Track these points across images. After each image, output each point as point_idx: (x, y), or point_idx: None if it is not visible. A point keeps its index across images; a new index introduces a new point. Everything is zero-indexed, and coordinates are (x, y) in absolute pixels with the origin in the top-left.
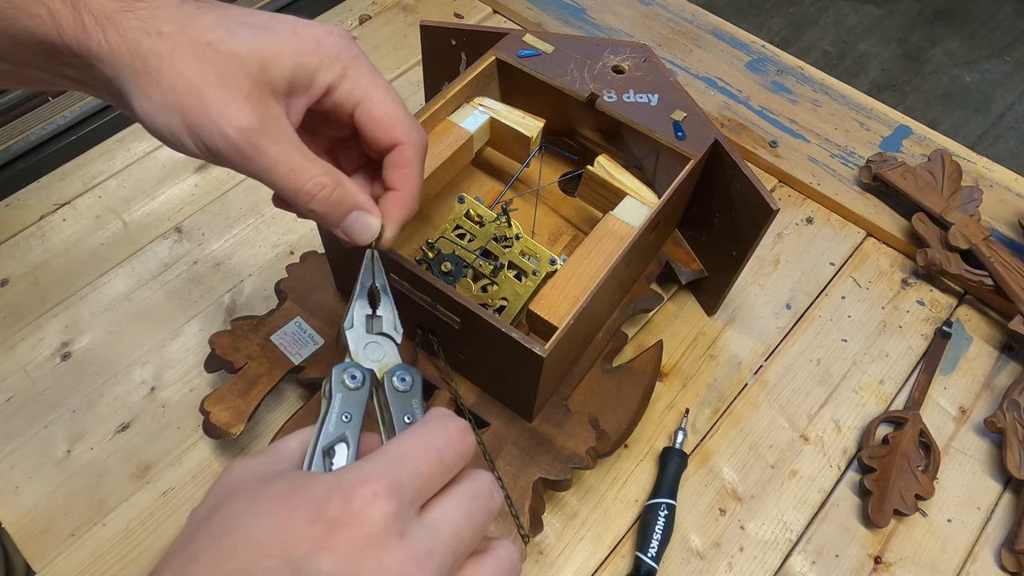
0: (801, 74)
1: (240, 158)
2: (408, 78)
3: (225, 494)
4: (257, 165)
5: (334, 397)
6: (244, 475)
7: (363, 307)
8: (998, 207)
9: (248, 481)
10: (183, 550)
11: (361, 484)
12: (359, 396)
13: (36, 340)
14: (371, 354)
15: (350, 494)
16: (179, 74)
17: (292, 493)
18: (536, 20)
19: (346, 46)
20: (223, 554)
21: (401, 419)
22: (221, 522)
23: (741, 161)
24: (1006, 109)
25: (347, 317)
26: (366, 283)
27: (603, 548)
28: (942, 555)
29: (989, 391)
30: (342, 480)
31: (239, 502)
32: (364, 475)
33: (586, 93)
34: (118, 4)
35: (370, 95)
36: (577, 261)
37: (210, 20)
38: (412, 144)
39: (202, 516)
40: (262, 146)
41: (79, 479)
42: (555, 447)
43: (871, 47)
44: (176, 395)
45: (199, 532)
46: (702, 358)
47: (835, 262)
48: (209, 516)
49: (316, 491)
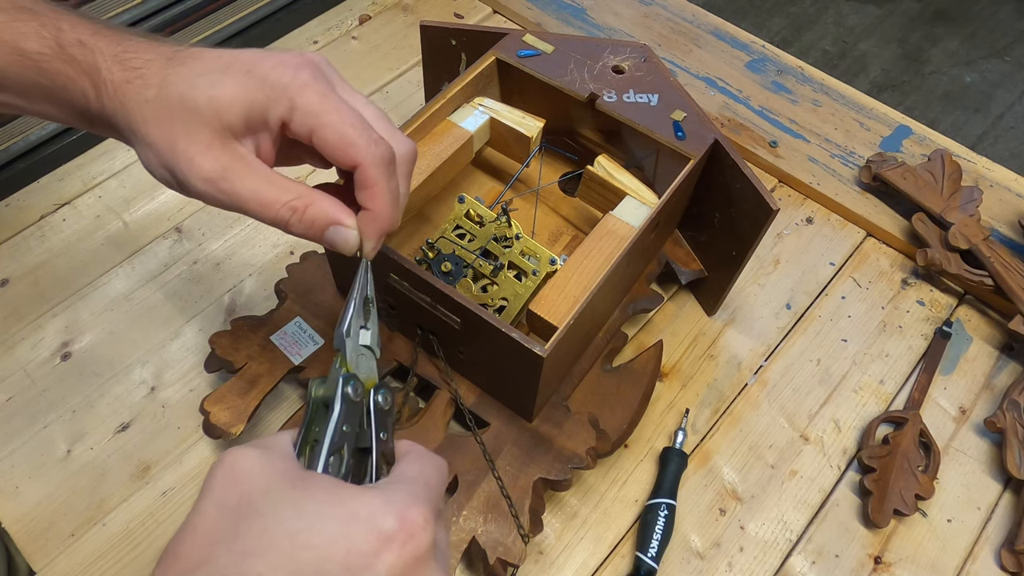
0: (801, 74)
1: (218, 200)
2: (408, 78)
3: (247, 487)
4: (233, 203)
5: (338, 406)
6: (261, 469)
7: (359, 317)
8: (998, 207)
9: (275, 479)
10: (233, 541)
11: (414, 507)
12: (358, 409)
13: (36, 340)
14: (361, 366)
15: (405, 515)
16: (158, 136)
17: (342, 503)
18: (536, 20)
19: (292, 76)
20: (284, 555)
21: (378, 435)
22: (274, 522)
23: (741, 161)
24: (1006, 109)
25: (345, 324)
26: (362, 293)
27: (603, 548)
28: (942, 555)
29: (989, 391)
30: (393, 499)
31: (284, 504)
32: (414, 498)
33: (586, 93)
34: (124, 75)
35: (321, 121)
36: (577, 261)
37: (181, 75)
38: (372, 163)
39: (233, 506)
40: (229, 188)
41: (79, 479)
42: (555, 447)
43: (871, 47)
44: (176, 395)
45: (248, 526)
46: (702, 358)
47: (835, 262)
48: (247, 510)
49: (369, 505)
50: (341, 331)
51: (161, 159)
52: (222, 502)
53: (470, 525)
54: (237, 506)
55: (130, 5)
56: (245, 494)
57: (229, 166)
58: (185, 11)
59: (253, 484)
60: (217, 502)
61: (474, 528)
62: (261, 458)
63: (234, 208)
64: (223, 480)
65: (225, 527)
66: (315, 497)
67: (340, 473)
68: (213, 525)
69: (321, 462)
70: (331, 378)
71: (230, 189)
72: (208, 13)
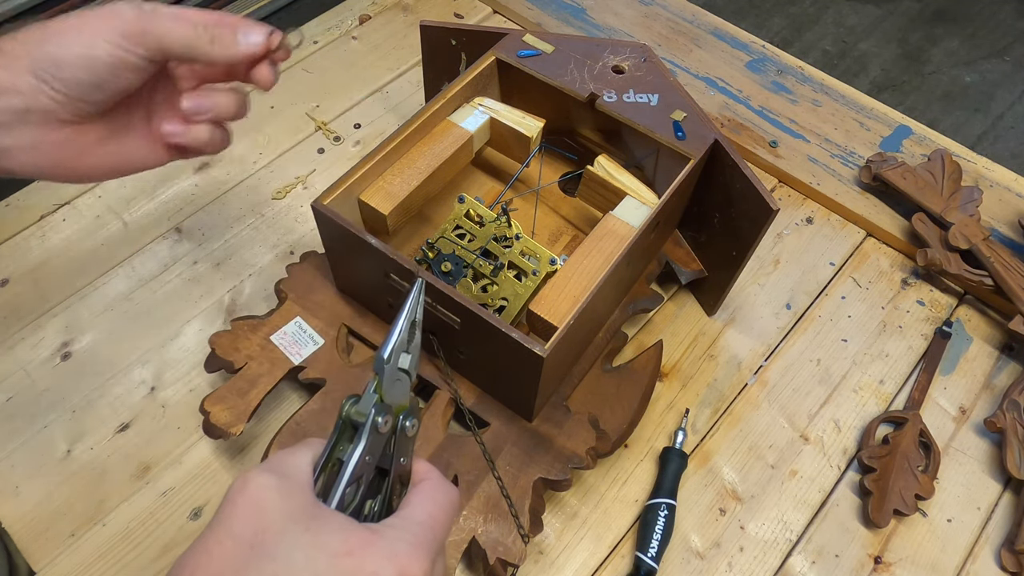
0: (801, 74)
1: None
2: (408, 78)
3: (264, 523)
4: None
5: (365, 437)
6: (280, 504)
7: (403, 342)
8: (998, 207)
9: (291, 518)
10: None
11: (413, 557)
12: (383, 440)
13: (36, 340)
14: (394, 392)
15: (406, 568)
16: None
17: (351, 554)
18: (536, 20)
19: None
20: None
21: (398, 459)
22: (284, 566)
23: (741, 161)
24: (1006, 109)
25: (388, 349)
26: (411, 317)
27: (603, 548)
28: (942, 555)
29: (989, 391)
30: (398, 553)
31: (297, 552)
32: (415, 548)
33: (586, 93)
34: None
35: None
36: (577, 261)
37: (44, 37)
38: None
39: (248, 542)
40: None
41: (79, 479)
42: (555, 447)
43: (871, 47)
44: (176, 395)
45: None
46: (702, 358)
47: (835, 262)
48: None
49: (376, 555)
50: (383, 356)
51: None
52: (239, 534)
53: (470, 525)
54: (251, 545)
55: None
56: (260, 531)
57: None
58: None
59: (270, 521)
60: (234, 533)
61: (474, 528)
62: (281, 490)
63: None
64: (242, 511)
65: (238, 564)
66: (327, 546)
67: (355, 499)
68: (228, 558)
69: (339, 492)
70: (364, 401)
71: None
72: None
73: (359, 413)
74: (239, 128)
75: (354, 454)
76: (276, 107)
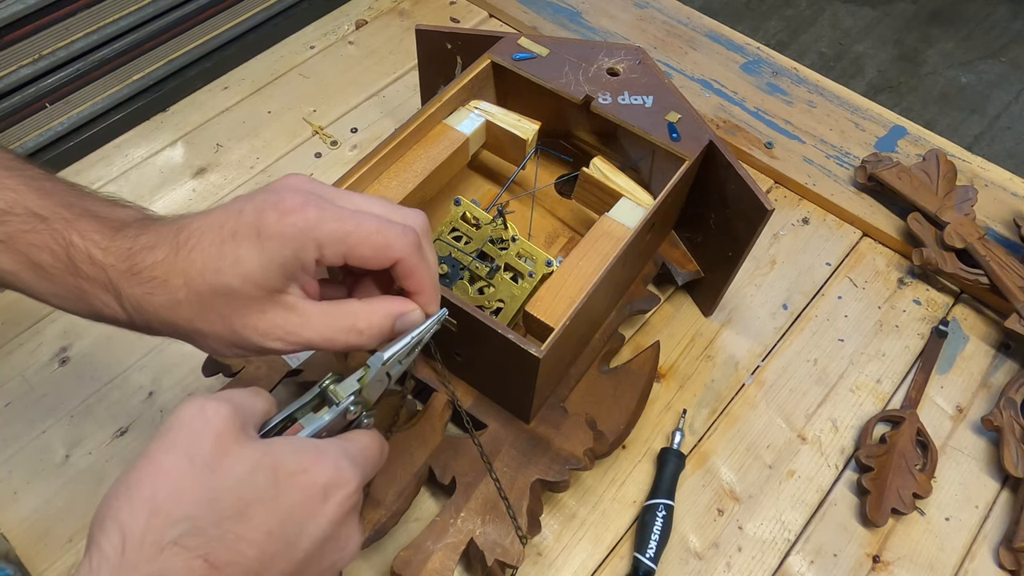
0: (796, 75)
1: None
2: (404, 82)
3: (221, 443)
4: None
5: (332, 416)
6: (237, 430)
7: (406, 355)
8: (993, 206)
9: (248, 439)
10: (214, 510)
11: (352, 472)
12: (342, 423)
13: (34, 345)
14: (372, 389)
15: (348, 480)
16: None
17: (306, 470)
18: (531, 24)
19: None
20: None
21: None
22: (248, 487)
23: (736, 162)
24: (1002, 110)
25: (388, 353)
26: (421, 335)
27: (601, 549)
28: (940, 553)
29: (986, 390)
30: (341, 466)
31: (258, 471)
32: (354, 464)
33: (581, 95)
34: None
35: (350, 243)
36: (573, 262)
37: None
38: (409, 252)
39: (205, 463)
40: (297, 340)
41: (77, 484)
42: (552, 448)
43: (867, 49)
44: (174, 400)
45: (220, 486)
46: (699, 359)
47: (831, 262)
48: (220, 471)
49: (326, 467)
50: (383, 356)
51: (225, 342)
52: (197, 455)
53: (468, 527)
54: (211, 467)
55: (131, 9)
56: (219, 453)
57: (288, 319)
58: (183, 16)
59: (228, 445)
60: (192, 454)
61: (472, 530)
62: (236, 419)
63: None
64: (202, 433)
65: (199, 485)
66: (284, 466)
67: None
68: (187, 478)
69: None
70: (345, 384)
71: (297, 339)
72: (206, 19)
73: (336, 393)
74: (237, 133)
75: (315, 424)
76: (273, 112)
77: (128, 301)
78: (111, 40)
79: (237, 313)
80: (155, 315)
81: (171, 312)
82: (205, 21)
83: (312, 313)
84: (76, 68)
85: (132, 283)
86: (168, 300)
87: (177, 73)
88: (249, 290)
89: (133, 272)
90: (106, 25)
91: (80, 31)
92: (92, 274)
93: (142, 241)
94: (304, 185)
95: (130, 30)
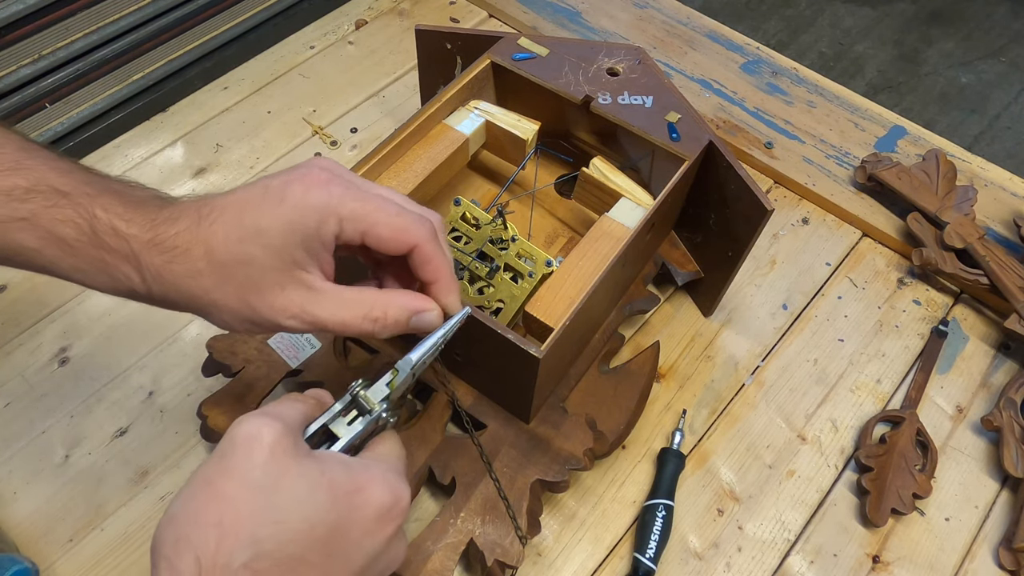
0: (796, 75)
1: (302, 329)
2: (404, 82)
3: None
4: (316, 328)
5: (366, 423)
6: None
7: (431, 355)
8: (993, 206)
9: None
10: (274, 532)
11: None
12: (374, 426)
13: (34, 345)
14: (398, 393)
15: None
16: (227, 299)
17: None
18: (531, 24)
19: (326, 192)
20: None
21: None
22: (310, 508)
23: (735, 162)
24: (1002, 110)
25: (416, 354)
26: (446, 334)
27: (601, 549)
28: (940, 554)
29: (985, 390)
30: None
31: (317, 491)
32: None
33: (581, 96)
34: (163, 258)
35: (370, 221)
36: (573, 263)
37: (220, 235)
38: (427, 239)
39: (265, 486)
40: (311, 318)
41: (77, 484)
42: (552, 448)
43: (867, 49)
44: (174, 399)
45: (280, 508)
46: (699, 359)
47: (831, 262)
48: (279, 493)
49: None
50: (411, 358)
51: (239, 316)
52: (256, 481)
53: (468, 527)
54: (269, 490)
55: (131, 9)
56: (278, 475)
57: (306, 297)
58: (183, 16)
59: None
60: (250, 480)
61: (472, 530)
62: (287, 438)
63: (316, 331)
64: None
65: (259, 509)
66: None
67: None
68: (250, 504)
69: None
70: (375, 390)
71: (312, 319)
72: (206, 19)
73: (367, 399)
74: (237, 133)
75: (352, 433)
76: (273, 112)
77: (148, 271)
78: (111, 40)
79: (255, 286)
80: (174, 285)
81: (190, 281)
82: (205, 21)
83: (329, 294)
84: (76, 68)
85: (153, 253)
86: (188, 269)
87: (177, 73)
88: (269, 260)
89: (155, 242)
90: (106, 25)
91: (80, 31)
92: (115, 245)
93: (164, 214)
94: (331, 166)
95: (130, 30)
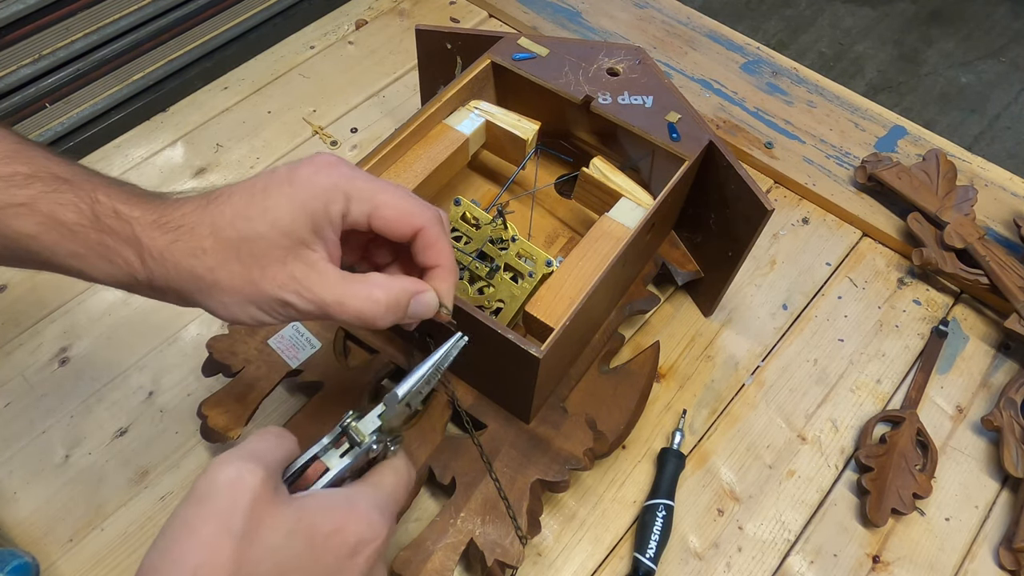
0: (796, 75)
1: (303, 310)
2: (404, 82)
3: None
4: (317, 310)
5: (355, 456)
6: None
7: (424, 384)
8: (993, 206)
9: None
10: None
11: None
12: (366, 459)
13: (34, 346)
14: (394, 420)
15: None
16: (231, 278)
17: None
18: (531, 24)
19: (335, 173)
20: None
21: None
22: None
23: (735, 162)
24: (1002, 110)
25: (403, 388)
26: (439, 363)
27: (601, 549)
28: (940, 554)
29: (986, 390)
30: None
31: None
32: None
33: (581, 95)
34: (167, 238)
35: (377, 202)
36: (573, 262)
37: (228, 214)
38: (431, 223)
39: (243, 534)
40: (313, 297)
41: (77, 484)
42: (552, 448)
43: (867, 49)
44: (174, 400)
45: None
46: (699, 359)
47: (831, 262)
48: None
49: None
50: (396, 394)
51: (241, 296)
52: (235, 528)
53: (468, 527)
54: (248, 537)
55: (131, 9)
56: (256, 521)
57: (307, 274)
58: (183, 16)
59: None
60: (230, 528)
61: (472, 530)
62: (267, 481)
63: (316, 314)
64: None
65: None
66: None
67: None
68: (229, 552)
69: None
70: (366, 422)
71: (312, 296)
72: (206, 19)
73: (358, 431)
74: (237, 133)
75: (340, 466)
76: (273, 112)
77: (150, 253)
78: (111, 40)
79: (258, 263)
80: (176, 265)
81: (193, 260)
82: (205, 21)
83: (332, 274)
84: (76, 68)
85: (157, 234)
86: (193, 248)
87: (177, 73)
88: (275, 237)
89: (160, 223)
90: (106, 25)
91: (80, 31)
92: (117, 227)
93: (170, 200)
94: (335, 157)
95: (130, 30)
